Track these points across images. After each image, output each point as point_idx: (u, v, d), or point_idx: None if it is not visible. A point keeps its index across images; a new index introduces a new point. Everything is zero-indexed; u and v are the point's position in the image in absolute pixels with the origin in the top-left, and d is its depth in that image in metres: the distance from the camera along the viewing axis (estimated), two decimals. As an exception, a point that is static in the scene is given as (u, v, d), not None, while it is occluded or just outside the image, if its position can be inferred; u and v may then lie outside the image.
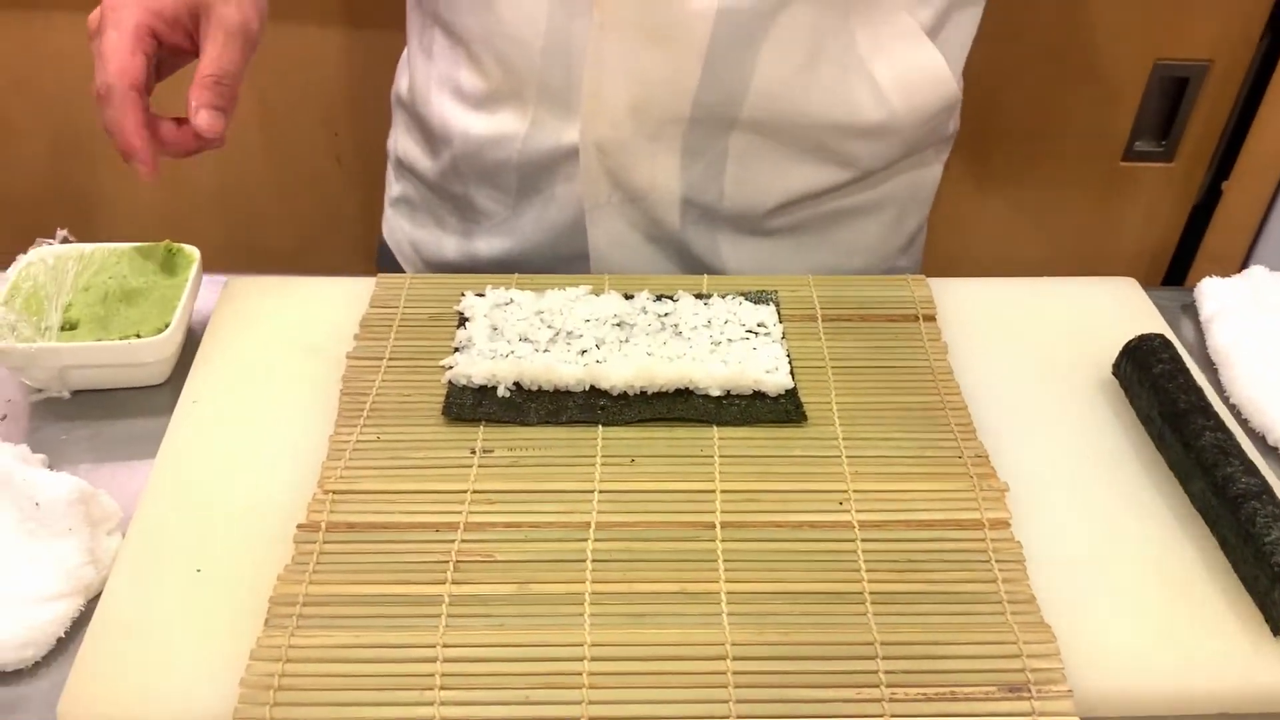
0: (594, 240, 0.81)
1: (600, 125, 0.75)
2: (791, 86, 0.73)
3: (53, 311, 0.66)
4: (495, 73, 0.76)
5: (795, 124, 0.75)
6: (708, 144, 0.76)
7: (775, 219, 0.81)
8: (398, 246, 0.93)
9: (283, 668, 0.49)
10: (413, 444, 0.60)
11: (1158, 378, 0.62)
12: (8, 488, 0.55)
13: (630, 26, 0.70)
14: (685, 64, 0.71)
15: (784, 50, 0.71)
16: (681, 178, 0.77)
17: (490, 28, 0.74)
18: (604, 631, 0.50)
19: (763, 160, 0.77)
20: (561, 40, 0.72)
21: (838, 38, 0.72)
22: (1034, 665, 0.50)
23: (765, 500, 0.57)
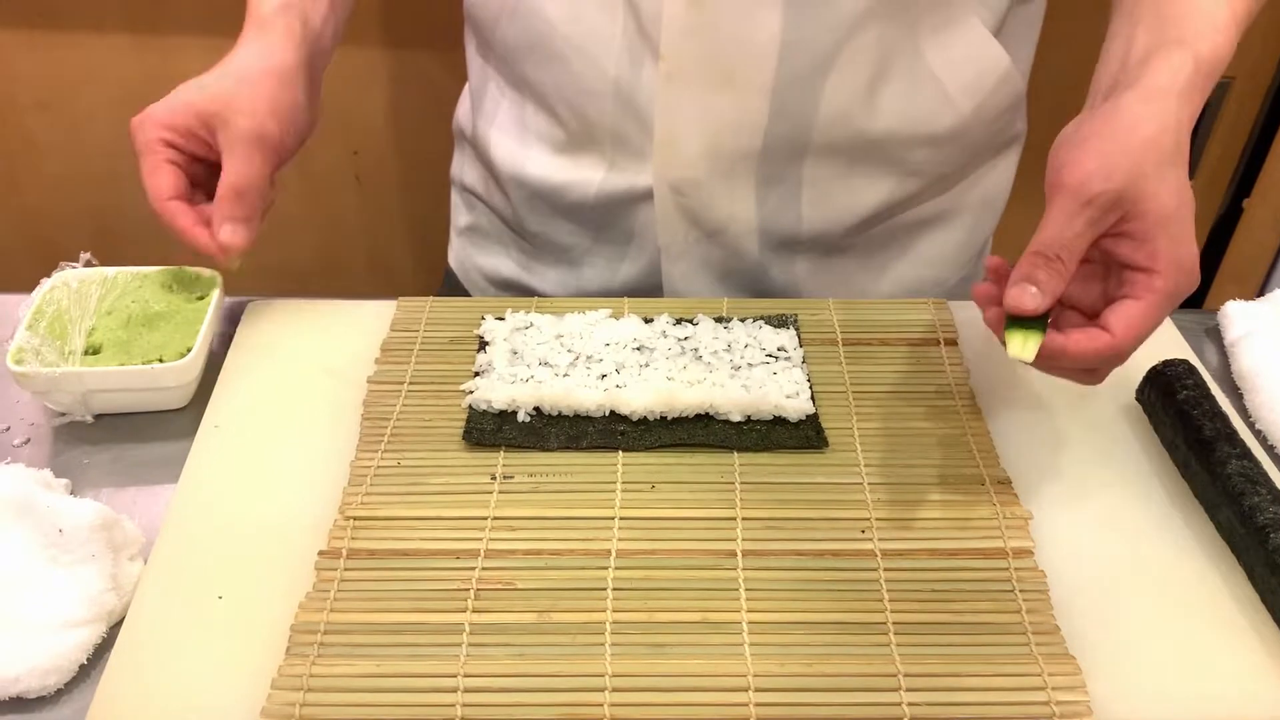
0: (669, 277, 0.82)
1: (674, 168, 0.75)
2: (860, 106, 0.73)
3: (76, 336, 0.67)
4: (570, 122, 0.77)
5: (867, 141, 0.75)
6: (782, 173, 0.76)
7: (853, 238, 0.81)
8: (465, 274, 0.93)
9: (304, 697, 0.49)
10: (433, 470, 0.60)
11: (1182, 404, 0.62)
12: (30, 514, 0.55)
13: (696, 72, 0.71)
14: (753, 101, 0.72)
15: (851, 72, 0.72)
16: (758, 209, 0.77)
17: (560, 80, 0.75)
18: (625, 662, 0.50)
19: (837, 180, 0.77)
20: (629, 89, 0.73)
21: (904, 52, 0.72)
22: (1059, 698, 0.49)
23: (787, 527, 0.57)
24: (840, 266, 0.83)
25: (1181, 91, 0.57)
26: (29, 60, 1.28)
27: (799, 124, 0.73)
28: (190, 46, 1.25)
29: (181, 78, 0.68)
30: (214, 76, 0.69)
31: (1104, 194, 0.54)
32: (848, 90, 0.72)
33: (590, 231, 0.83)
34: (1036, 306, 0.55)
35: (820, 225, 0.79)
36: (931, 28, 0.72)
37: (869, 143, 0.75)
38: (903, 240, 0.83)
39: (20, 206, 1.40)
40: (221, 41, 0.74)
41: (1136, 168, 0.55)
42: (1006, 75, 0.77)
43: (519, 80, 0.79)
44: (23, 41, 1.26)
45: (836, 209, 0.79)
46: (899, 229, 0.82)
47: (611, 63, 0.73)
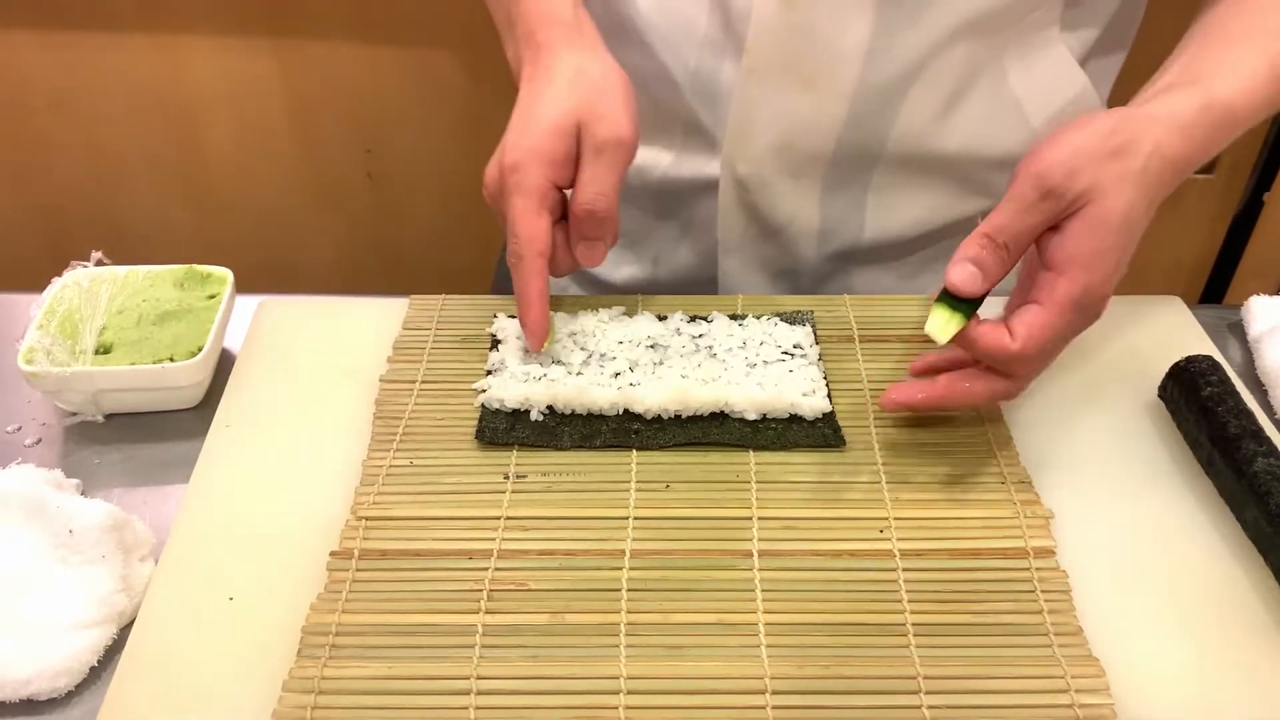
0: (724, 270, 0.81)
1: (742, 162, 0.75)
2: (937, 120, 0.73)
3: (87, 335, 0.66)
4: (644, 106, 0.76)
5: (938, 156, 0.74)
6: (850, 179, 0.76)
7: (910, 250, 0.80)
8: None
9: (315, 699, 0.48)
10: (446, 469, 0.60)
11: (1206, 401, 0.61)
12: (41, 515, 0.55)
13: (778, 70, 0.70)
14: (831, 105, 0.71)
15: (933, 86, 0.71)
16: (820, 212, 0.77)
17: (640, 65, 0.75)
18: (641, 664, 0.50)
19: (904, 193, 0.76)
20: (708, 80, 0.73)
21: (989, 72, 0.72)
22: (1082, 700, 0.48)
23: (803, 527, 0.56)
24: (894, 276, 0.82)
25: (1183, 126, 0.57)
26: (41, 60, 1.28)
27: (874, 132, 0.73)
28: (202, 46, 1.25)
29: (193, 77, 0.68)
30: (558, 89, 0.63)
31: (1063, 189, 0.54)
32: (927, 104, 0.72)
33: (649, 216, 0.82)
34: (974, 289, 0.55)
35: (881, 235, 0.79)
36: (1019, 52, 0.72)
37: (940, 158, 0.74)
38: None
39: (32, 205, 1.40)
40: (234, 41, 0.73)
41: (1101, 169, 0.54)
42: (1090, 105, 0.76)
43: None
44: (35, 41, 1.27)
45: (899, 220, 0.78)
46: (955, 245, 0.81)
47: (693, 53, 0.72)
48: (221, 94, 1.28)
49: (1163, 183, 0.56)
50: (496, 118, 1.02)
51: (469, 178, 1.46)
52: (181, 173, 1.37)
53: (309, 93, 1.32)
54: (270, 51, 1.26)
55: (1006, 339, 0.55)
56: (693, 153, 0.77)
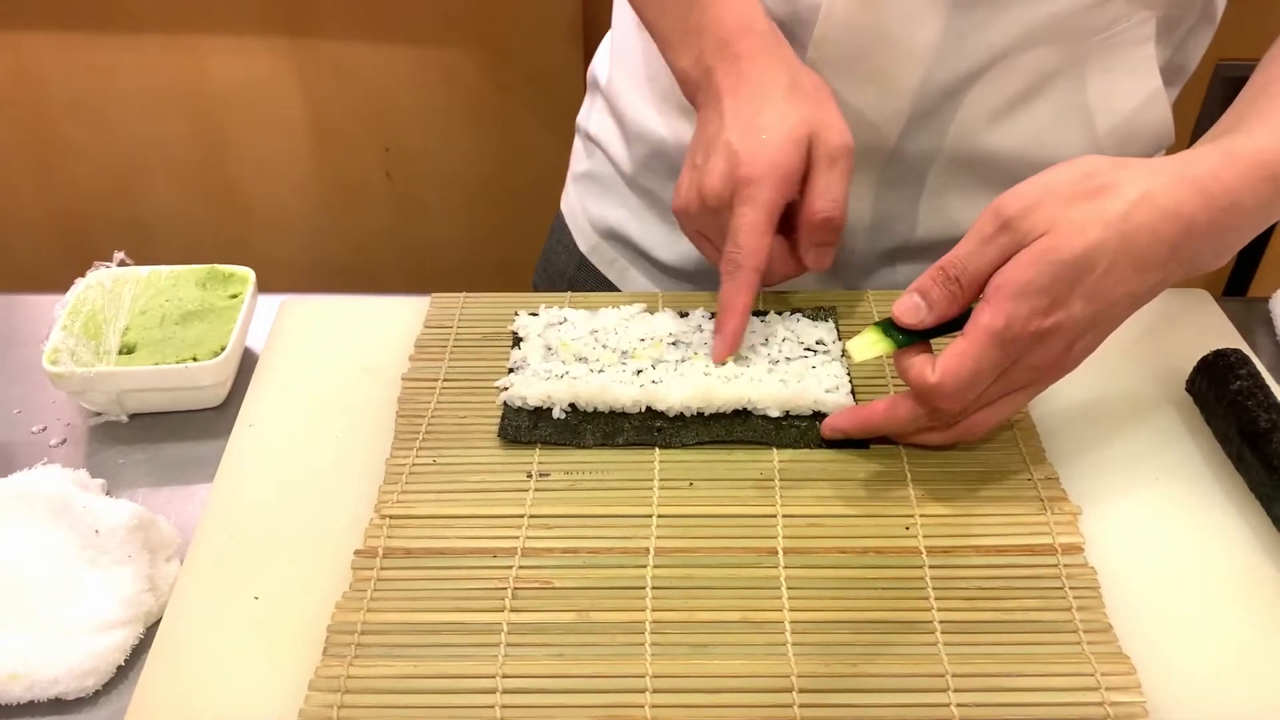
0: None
1: None
2: (997, 123, 0.72)
3: (111, 335, 0.67)
4: None
5: (998, 160, 0.73)
6: (906, 176, 0.75)
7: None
8: (574, 219, 0.92)
9: (341, 699, 0.48)
10: (469, 467, 0.60)
11: (1235, 395, 0.60)
12: (67, 515, 0.55)
13: (843, 66, 0.70)
14: (895, 101, 0.70)
15: (997, 88, 0.70)
16: (874, 207, 0.76)
17: None
18: (666, 662, 0.49)
19: (959, 193, 0.75)
20: None
21: (1066, 79, 0.70)
22: (1113, 699, 0.48)
23: (828, 525, 0.56)
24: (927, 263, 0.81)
25: (1193, 178, 0.53)
26: (61, 61, 1.28)
27: (933, 131, 0.72)
28: (222, 47, 1.26)
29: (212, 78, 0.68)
30: (779, 100, 0.62)
31: (1018, 221, 0.52)
32: (987, 105, 0.71)
33: None
34: (913, 320, 0.55)
35: (933, 234, 0.78)
36: (1105, 63, 0.70)
37: (1000, 161, 0.73)
38: None
39: (53, 207, 1.41)
40: (252, 41, 0.73)
41: (1066, 208, 0.52)
42: (1162, 122, 0.74)
43: None
44: (55, 43, 1.27)
45: (952, 221, 0.77)
46: None
47: None
48: (241, 94, 1.29)
49: (1156, 236, 0.52)
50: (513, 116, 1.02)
51: (487, 176, 1.46)
52: (201, 173, 1.37)
53: (327, 92, 1.33)
54: (289, 52, 1.26)
55: (928, 371, 0.54)
56: None
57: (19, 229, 1.42)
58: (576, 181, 0.93)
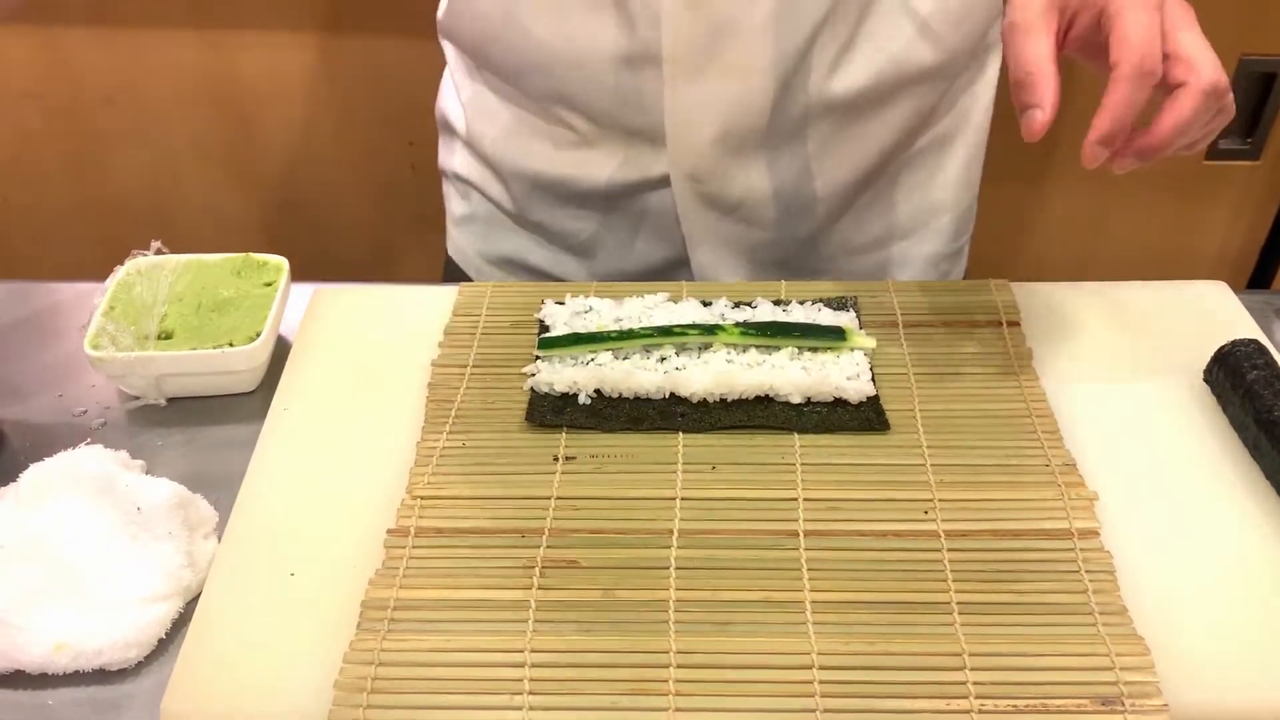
0: (697, 261, 0.83)
1: (689, 158, 0.76)
2: (849, 60, 0.74)
3: (149, 321, 0.68)
4: (578, 124, 0.78)
5: (860, 92, 0.75)
6: (788, 140, 0.77)
7: (864, 185, 0.81)
8: (468, 262, 0.92)
9: (375, 670, 0.50)
10: (497, 450, 0.61)
11: (1252, 384, 0.61)
12: (110, 493, 0.57)
13: (700, 66, 0.72)
14: (756, 81, 0.72)
15: (839, 30, 0.72)
16: (770, 178, 0.78)
17: (562, 91, 0.76)
18: (689, 639, 0.51)
19: (839, 135, 0.77)
20: (632, 92, 0.74)
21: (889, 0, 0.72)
22: (1127, 678, 0.49)
23: (848, 508, 0.57)
24: (856, 216, 0.83)
25: None
26: (96, 56, 1.31)
27: (797, 91, 0.74)
28: (254, 41, 1.28)
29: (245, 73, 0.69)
30: None
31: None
32: (836, 47, 0.73)
33: (599, 215, 0.83)
34: (1045, 120, 0.55)
35: (831, 180, 0.80)
36: None
37: (862, 93, 0.75)
38: (904, 176, 0.83)
39: (90, 199, 1.43)
40: (284, 36, 0.75)
41: None
42: (993, 9, 0.76)
43: (516, 93, 0.80)
44: (90, 38, 1.30)
45: (844, 162, 0.79)
46: (904, 165, 0.82)
47: (610, 71, 0.73)
48: (270, 88, 1.31)
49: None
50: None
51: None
52: (233, 165, 1.39)
53: (354, 86, 1.34)
54: (318, 47, 1.28)
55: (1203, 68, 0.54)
56: (636, 156, 0.78)
57: (57, 220, 1.45)
58: (459, 226, 0.92)
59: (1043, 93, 0.54)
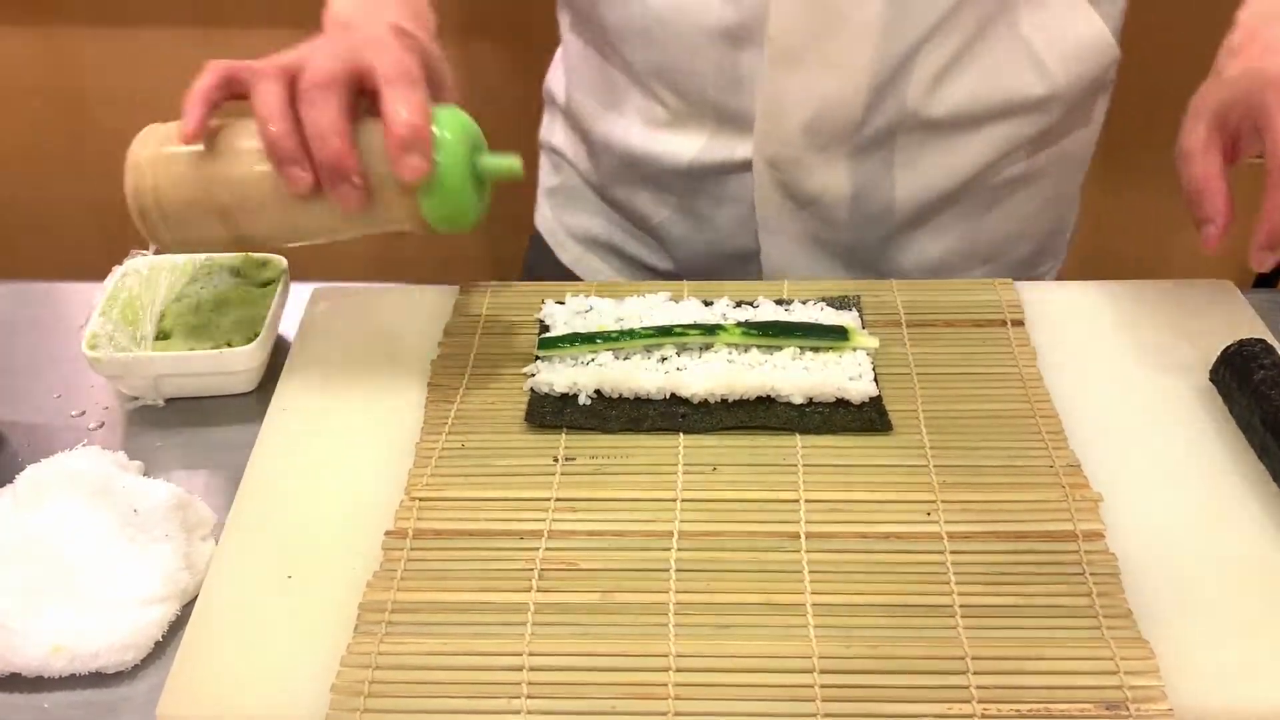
0: (767, 249, 0.83)
1: (773, 144, 0.76)
2: (953, 77, 0.74)
3: (147, 321, 0.68)
4: (668, 99, 0.78)
5: (958, 112, 0.75)
6: (875, 145, 0.77)
7: (943, 205, 0.81)
8: (553, 235, 0.94)
9: (372, 674, 0.49)
10: (496, 451, 0.61)
11: (1259, 385, 0.60)
12: (107, 495, 0.57)
13: (803, 56, 0.72)
14: (855, 79, 0.72)
15: (947, 44, 0.72)
16: (850, 180, 0.78)
17: (661, 63, 0.76)
18: (689, 642, 0.50)
19: (928, 150, 0.78)
20: (731, 70, 0.74)
21: (1002, 21, 0.73)
22: (1132, 683, 0.48)
23: (850, 510, 0.57)
24: (935, 232, 0.83)
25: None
26: (99, 55, 1.31)
27: (893, 98, 0.74)
28: (257, 39, 1.27)
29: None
30: None
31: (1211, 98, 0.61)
32: (942, 63, 0.73)
33: (674, 199, 0.83)
34: (1219, 234, 0.63)
35: (911, 194, 0.79)
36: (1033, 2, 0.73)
37: (959, 113, 0.75)
38: (990, 201, 0.83)
39: (90, 198, 1.43)
40: (288, 33, 0.74)
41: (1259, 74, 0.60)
42: (1102, 43, 0.77)
43: (618, 59, 0.80)
44: (93, 36, 1.29)
45: (928, 178, 0.79)
46: (987, 191, 0.82)
47: (713, 47, 0.74)
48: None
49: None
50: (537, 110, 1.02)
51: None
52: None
53: (356, 85, 1.34)
54: (319, 45, 1.28)
55: None
56: (723, 138, 0.78)
57: (57, 219, 1.45)
58: (549, 196, 0.94)
59: (1212, 208, 0.62)
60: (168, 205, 0.61)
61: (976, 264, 0.86)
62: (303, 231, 0.63)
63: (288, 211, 0.61)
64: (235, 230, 0.62)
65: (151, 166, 0.61)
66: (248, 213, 0.61)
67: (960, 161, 0.78)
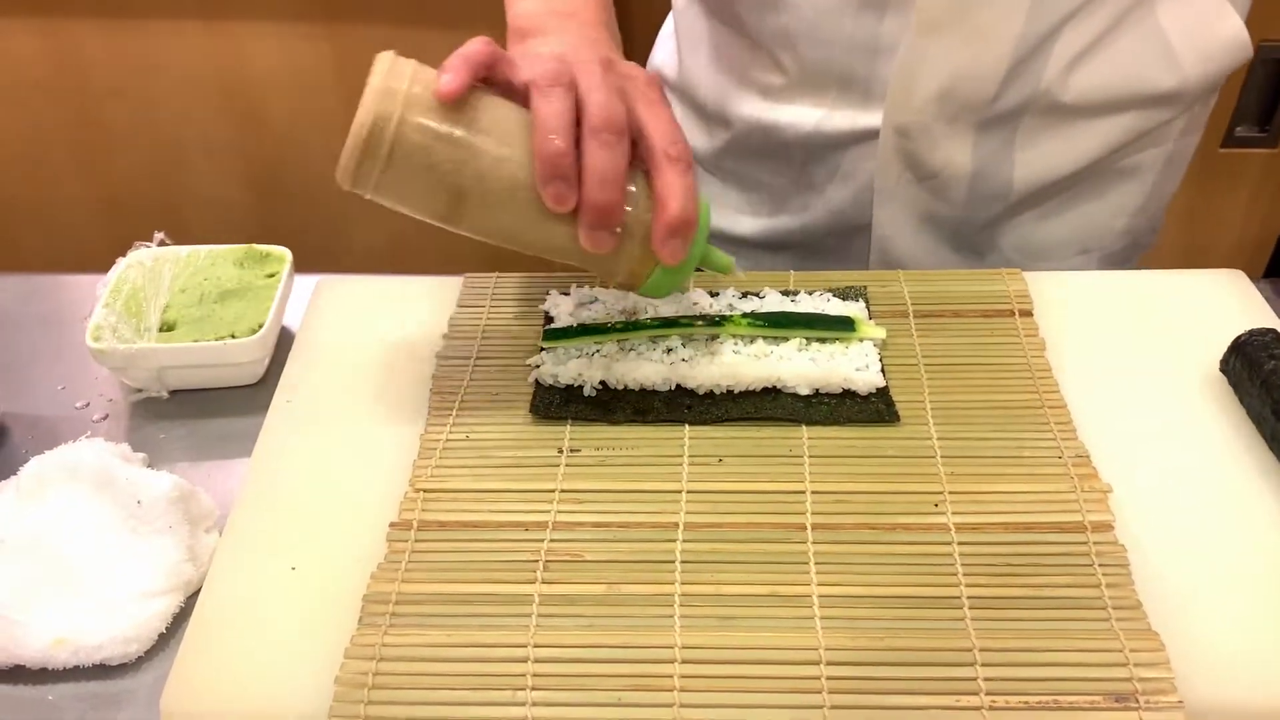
0: (878, 219, 0.82)
1: (903, 113, 0.76)
2: (1088, 63, 0.73)
3: (151, 313, 0.68)
4: (792, 69, 0.77)
5: (1087, 99, 0.75)
6: (1002, 124, 0.76)
7: (1057, 189, 0.81)
8: None
9: (376, 666, 0.49)
10: (501, 443, 0.60)
11: (1270, 375, 0.60)
12: (111, 487, 0.56)
13: (948, 22, 0.71)
14: (995, 53, 0.72)
15: (1086, 28, 0.72)
16: (974, 155, 0.78)
17: (791, 28, 0.75)
18: (694, 634, 0.50)
19: (1051, 133, 0.77)
20: (868, 38, 0.73)
21: (1141, 10, 0.72)
22: (1141, 674, 0.48)
23: (857, 502, 0.56)
24: (1043, 216, 0.82)
25: None
26: (103, 48, 1.31)
27: (1030, 79, 0.74)
28: (260, 33, 1.27)
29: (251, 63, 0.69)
30: None
31: None
32: (1081, 46, 0.73)
33: (792, 171, 0.83)
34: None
35: (1029, 176, 0.79)
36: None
37: (1089, 98, 0.75)
38: (1101, 190, 0.82)
39: (96, 189, 1.43)
40: (292, 27, 0.74)
41: None
42: (1239, 41, 0.76)
43: (737, 25, 0.79)
44: (98, 29, 1.29)
45: (1047, 161, 0.79)
46: (1100, 179, 0.82)
47: (854, 12, 0.73)
48: (278, 79, 1.30)
49: None
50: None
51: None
52: (239, 156, 1.39)
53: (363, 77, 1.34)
54: (325, 37, 1.28)
55: None
56: (846, 107, 0.78)
57: (62, 211, 1.45)
58: None
59: None
60: (404, 153, 0.54)
61: (1075, 253, 0.85)
62: (516, 240, 0.59)
63: (520, 219, 0.57)
64: (450, 211, 0.57)
65: (407, 107, 0.54)
66: (482, 205, 0.56)
67: (1081, 148, 0.78)
